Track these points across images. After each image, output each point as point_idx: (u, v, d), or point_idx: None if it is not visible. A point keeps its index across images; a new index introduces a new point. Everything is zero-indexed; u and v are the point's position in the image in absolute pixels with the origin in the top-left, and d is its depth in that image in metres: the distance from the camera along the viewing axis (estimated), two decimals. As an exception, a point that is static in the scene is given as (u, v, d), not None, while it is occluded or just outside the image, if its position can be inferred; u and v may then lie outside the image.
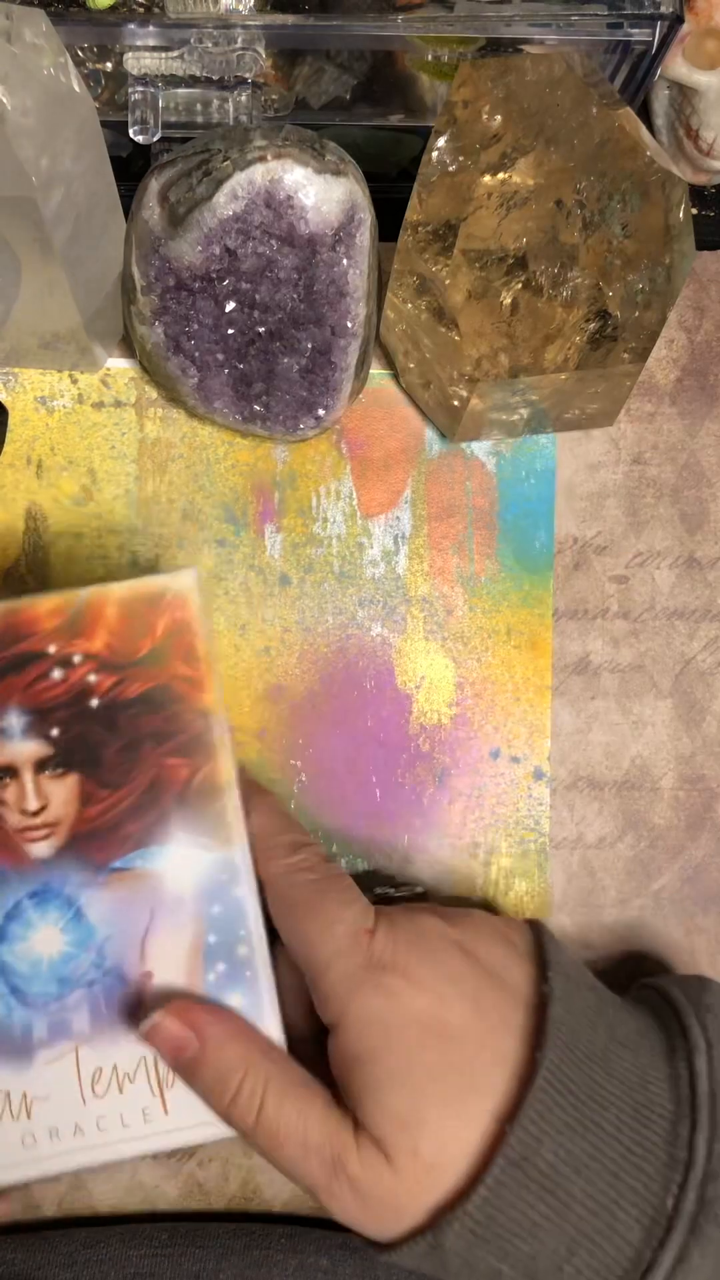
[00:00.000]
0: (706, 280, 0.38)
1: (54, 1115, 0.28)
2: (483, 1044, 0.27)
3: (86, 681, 0.28)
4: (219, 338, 0.33)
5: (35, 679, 0.28)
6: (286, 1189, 0.36)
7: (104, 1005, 0.29)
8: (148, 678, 0.28)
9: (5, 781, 0.28)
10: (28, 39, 0.28)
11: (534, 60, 0.31)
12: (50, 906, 0.28)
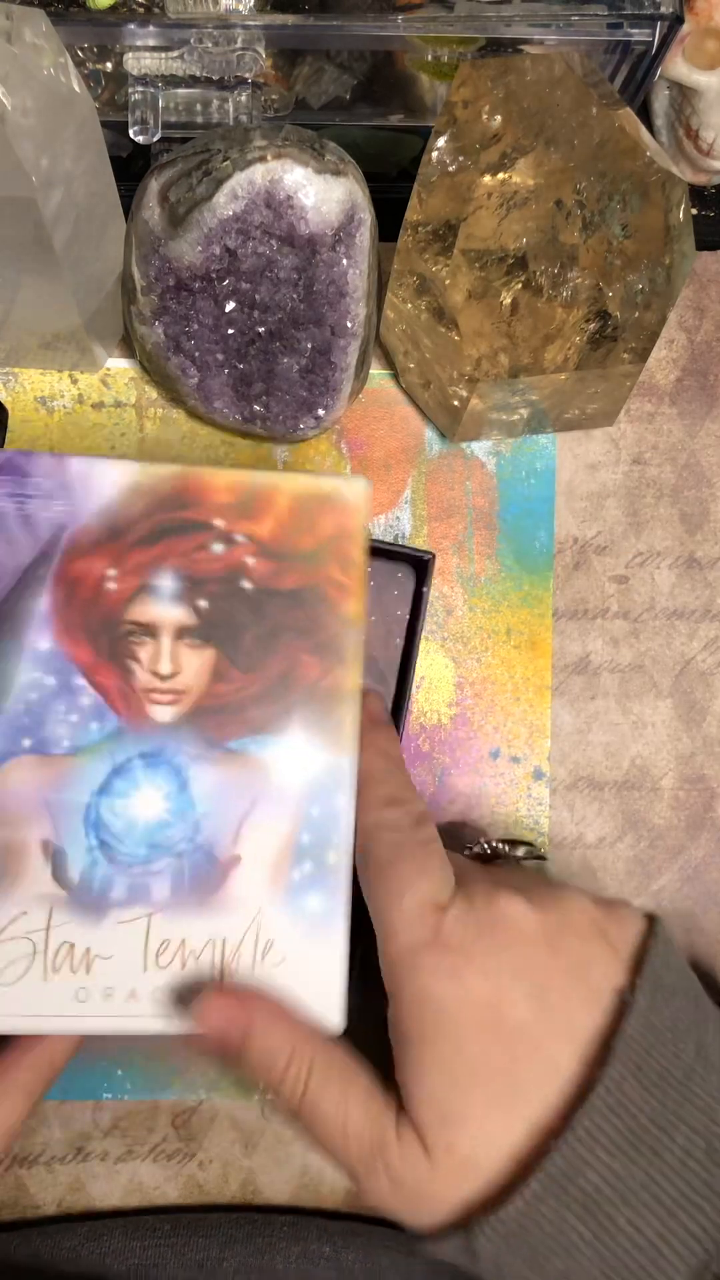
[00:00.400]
0: (706, 280, 0.38)
1: (113, 976, 0.28)
2: (538, 1047, 0.26)
3: (244, 562, 0.29)
4: (219, 338, 0.32)
5: (195, 548, 0.29)
6: (287, 1189, 0.36)
7: (187, 879, 0.29)
8: (302, 574, 0.29)
9: (144, 640, 0.29)
10: (28, 39, 0.28)
11: (534, 60, 0.31)
12: (159, 771, 0.29)
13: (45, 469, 0.29)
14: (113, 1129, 0.36)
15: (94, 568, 0.29)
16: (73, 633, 0.28)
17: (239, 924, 0.29)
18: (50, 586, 0.29)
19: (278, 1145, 0.36)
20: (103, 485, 0.29)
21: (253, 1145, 0.36)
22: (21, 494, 0.29)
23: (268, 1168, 0.36)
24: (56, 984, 0.28)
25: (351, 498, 0.29)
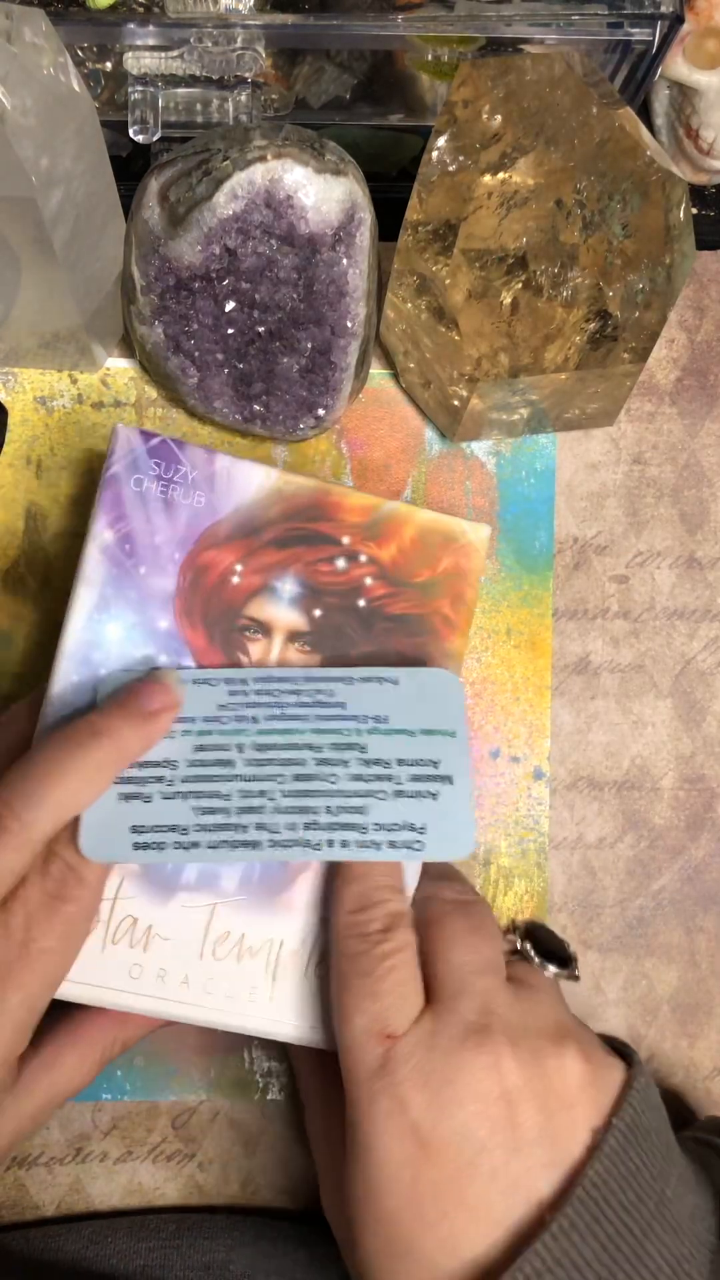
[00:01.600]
0: (706, 280, 0.38)
1: (169, 958, 0.28)
2: (478, 1204, 0.24)
3: (362, 582, 0.30)
4: (219, 337, 0.32)
5: (321, 559, 0.30)
6: (287, 1189, 0.36)
7: (257, 875, 0.29)
8: (415, 603, 0.30)
9: (257, 637, 0.30)
10: (28, 39, 0.27)
11: (534, 60, 0.31)
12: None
13: (194, 460, 0.30)
14: (112, 1130, 0.36)
15: (223, 560, 0.30)
16: (192, 617, 0.30)
17: (298, 929, 0.29)
18: (180, 570, 0.30)
19: (278, 1145, 0.36)
20: (245, 486, 0.30)
21: (253, 1146, 0.36)
22: (168, 479, 0.30)
23: (268, 1168, 0.36)
24: (113, 956, 0.28)
25: (474, 540, 0.31)
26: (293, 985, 0.28)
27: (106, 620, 0.29)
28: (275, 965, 0.28)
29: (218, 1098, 0.36)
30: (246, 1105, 0.36)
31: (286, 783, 0.27)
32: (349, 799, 0.27)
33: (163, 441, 0.30)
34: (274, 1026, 0.29)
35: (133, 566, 0.30)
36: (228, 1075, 0.36)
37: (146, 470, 0.30)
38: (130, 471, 0.30)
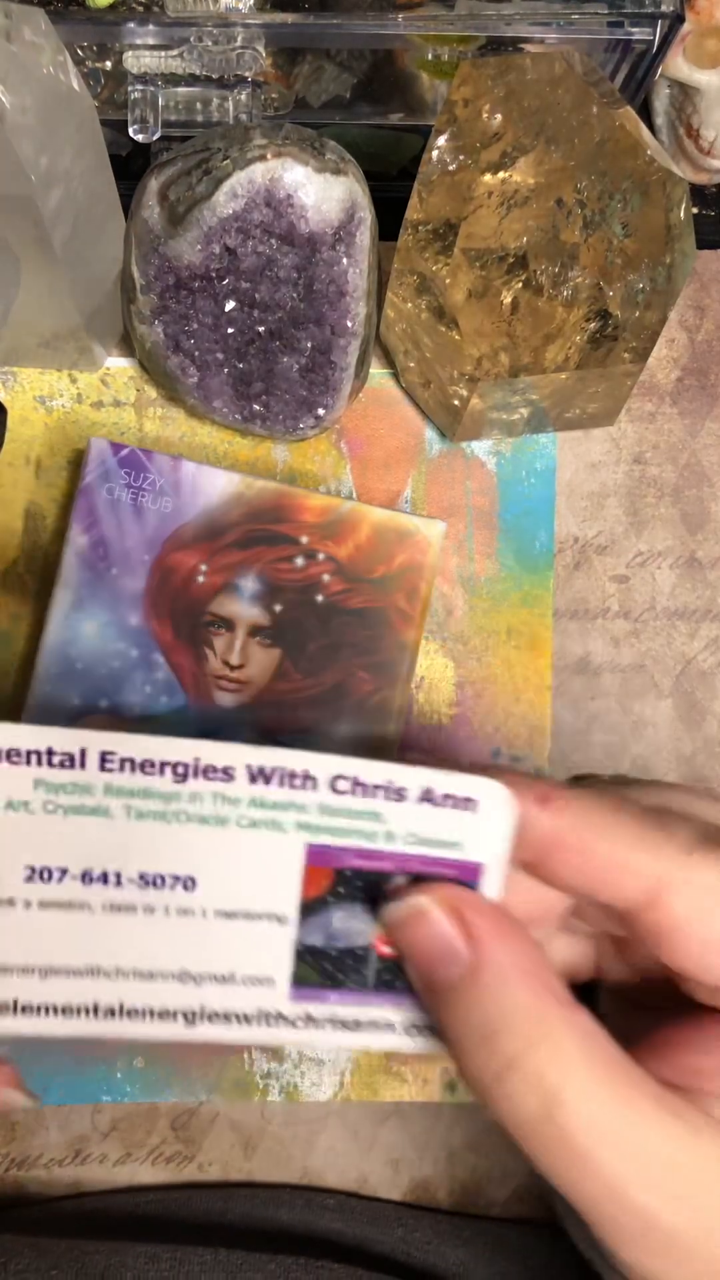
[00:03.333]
0: (707, 280, 0.38)
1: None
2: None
3: (320, 579, 0.32)
4: (218, 337, 0.32)
5: (280, 558, 0.32)
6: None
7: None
8: (371, 597, 0.32)
9: (220, 631, 0.32)
10: (27, 37, 0.27)
11: (534, 59, 0.31)
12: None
13: (161, 468, 0.32)
14: (111, 1131, 0.36)
15: (189, 561, 0.32)
16: (160, 614, 0.32)
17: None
18: (149, 571, 0.32)
19: (278, 1147, 0.36)
20: (210, 490, 0.32)
21: (253, 1148, 0.36)
22: (138, 487, 0.32)
23: (268, 1170, 0.36)
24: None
25: (428, 535, 0.33)
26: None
27: (83, 619, 0.32)
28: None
29: (217, 1099, 0.36)
30: (246, 1107, 0.36)
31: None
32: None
33: (132, 452, 0.32)
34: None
35: (105, 569, 0.32)
36: (228, 1077, 0.36)
37: (117, 479, 0.32)
38: (102, 481, 0.32)
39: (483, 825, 0.19)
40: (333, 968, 0.19)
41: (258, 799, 0.19)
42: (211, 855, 0.19)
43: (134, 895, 0.19)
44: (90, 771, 0.18)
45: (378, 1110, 0.36)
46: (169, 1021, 0.19)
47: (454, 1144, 0.36)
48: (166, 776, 0.19)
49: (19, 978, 0.19)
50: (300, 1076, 0.36)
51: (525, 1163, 0.37)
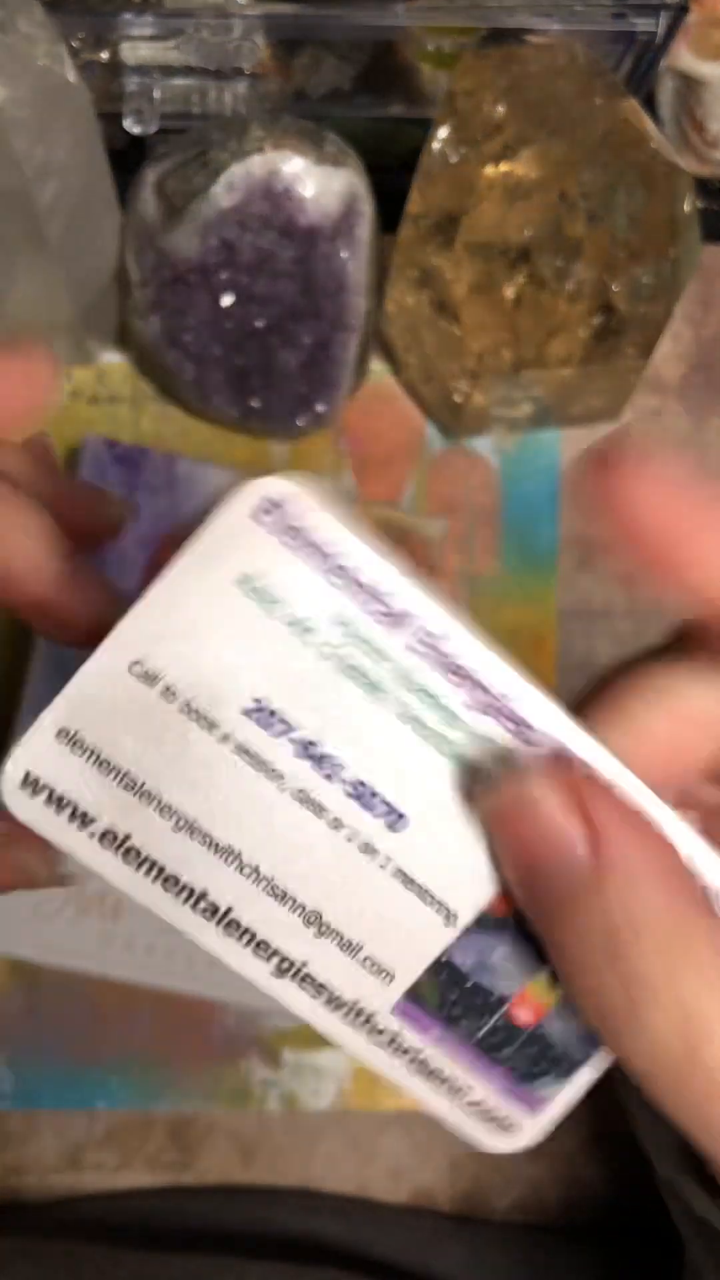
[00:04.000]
0: (712, 274, 0.38)
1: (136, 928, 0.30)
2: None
3: None
4: (216, 331, 0.32)
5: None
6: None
7: None
8: None
9: None
10: (22, 29, 0.27)
11: (537, 50, 0.30)
12: None
13: (156, 466, 0.31)
14: (108, 1139, 0.35)
15: None
16: None
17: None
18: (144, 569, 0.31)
19: (276, 1156, 0.36)
20: (206, 488, 0.32)
21: (251, 1156, 0.36)
22: (133, 484, 0.31)
23: (266, 1179, 0.35)
24: (85, 925, 0.30)
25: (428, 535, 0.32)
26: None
27: None
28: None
29: (215, 1107, 0.35)
30: (243, 1115, 0.35)
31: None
32: None
33: (127, 450, 0.32)
34: (233, 994, 0.31)
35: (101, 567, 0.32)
36: (225, 1085, 0.35)
37: (114, 477, 0.31)
38: (97, 479, 0.31)
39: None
40: (456, 1001, 0.16)
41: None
42: (435, 800, 0.15)
43: (335, 799, 0.15)
44: (402, 639, 0.15)
45: (378, 1119, 0.36)
46: (260, 958, 0.16)
47: (455, 1152, 0.36)
48: (461, 692, 0.15)
49: (153, 816, 0.15)
50: (299, 1085, 0.35)
51: (527, 1170, 0.37)
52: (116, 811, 0.15)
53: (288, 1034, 0.35)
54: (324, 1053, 0.35)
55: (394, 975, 0.16)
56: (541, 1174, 0.36)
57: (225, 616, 0.15)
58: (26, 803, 0.15)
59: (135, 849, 0.16)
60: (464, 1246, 0.33)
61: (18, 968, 0.34)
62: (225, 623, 0.15)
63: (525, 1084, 0.17)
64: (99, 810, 0.15)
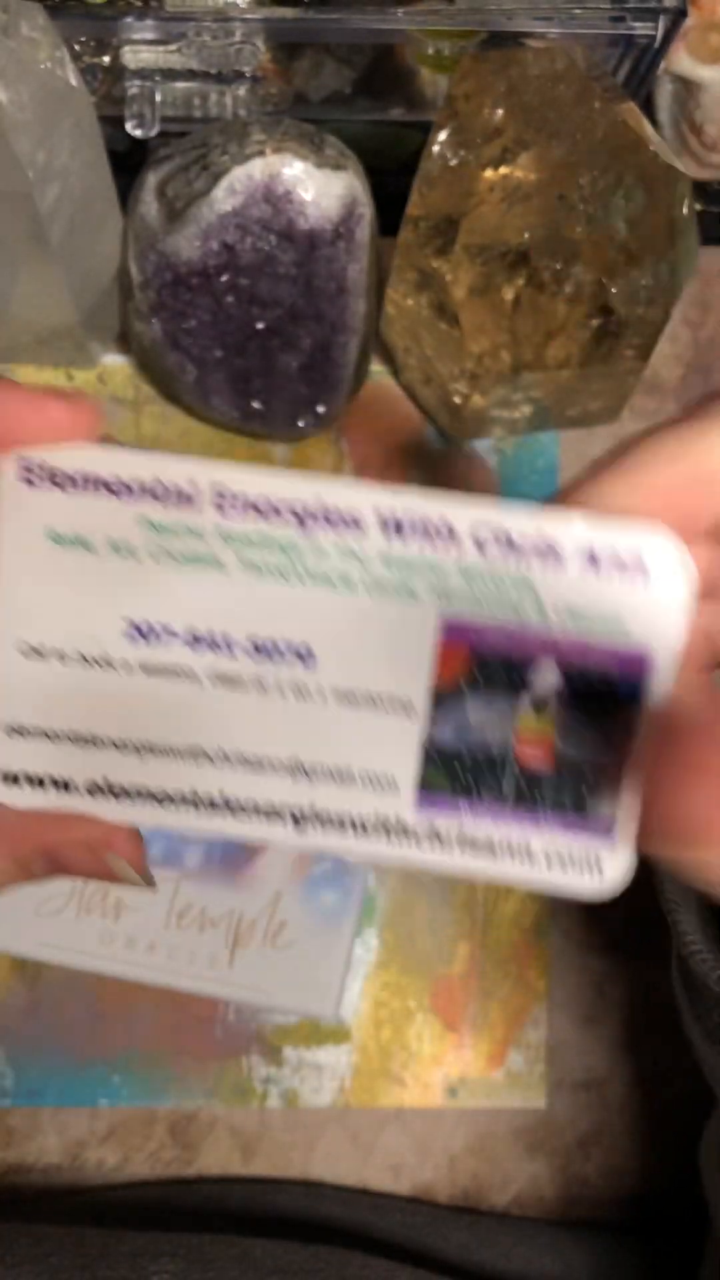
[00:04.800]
0: (711, 276, 0.38)
1: (137, 927, 0.31)
2: None
3: None
4: (217, 334, 0.32)
5: None
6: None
7: (218, 853, 0.31)
8: None
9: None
10: (25, 32, 0.27)
11: (536, 54, 0.30)
12: None
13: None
14: (109, 1136, 0.36)
15: None
16: None
17: (257, 903, 0.31)
18: None
19: (277, 1153, 0.36)
20: None
21: (251, 1153, 0.36)
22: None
23: (267, 1176, 0.36)
24: (86, 923, 0.31)
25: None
26: (251, 954, 0.31)
27: None
28: (235, 936, 0.31)
29: (216, 1104, 0.36)
30: (245, 1112, 0.36)
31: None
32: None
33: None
34: (233, 991, 0.31)
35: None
36: (226, 1081, 0.35)
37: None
38: None
39: (652, 597, 0.16)
40: (464, 773, 0.16)
41: (388, 556, 0.16)
42: (333, 624, 0.16)
43: (245, 666, 0.16)
44: (202, 511, 0.16)
45: (378, 1115, 0.36)
46: (275, 822, 0.16)
47: (455, 1149, 0.36)
48: (288, 523, 0.16)
49: (114, 754, 0.16)
50: (300, 1082, 0.35)
51: (527, 1167, 0.37)
52: (85, 767, 0.17)
53: (289, 1031, 0.35)
54: (325, 1050, 0.35)
55: (395, 781, 0.16)
56: (540, 1170, 0.36)
57: (59, 571, 0.16)
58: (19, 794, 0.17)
59: (119, 786, 0.16)
60: (464, 1233, 0.34)
61: (20, 965, 0.35)
62: (63, 576, 0.16)
63: (579, 814, 0.16)
64: (70, 772, 0.17)
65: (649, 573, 0.16)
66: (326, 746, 0.16)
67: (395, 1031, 0.35)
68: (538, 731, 0.16)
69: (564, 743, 0.16)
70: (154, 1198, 0.34)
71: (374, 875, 0.34)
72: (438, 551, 0.16)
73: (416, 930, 0.36)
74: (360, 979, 0.35)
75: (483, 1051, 0.36)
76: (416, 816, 0.16)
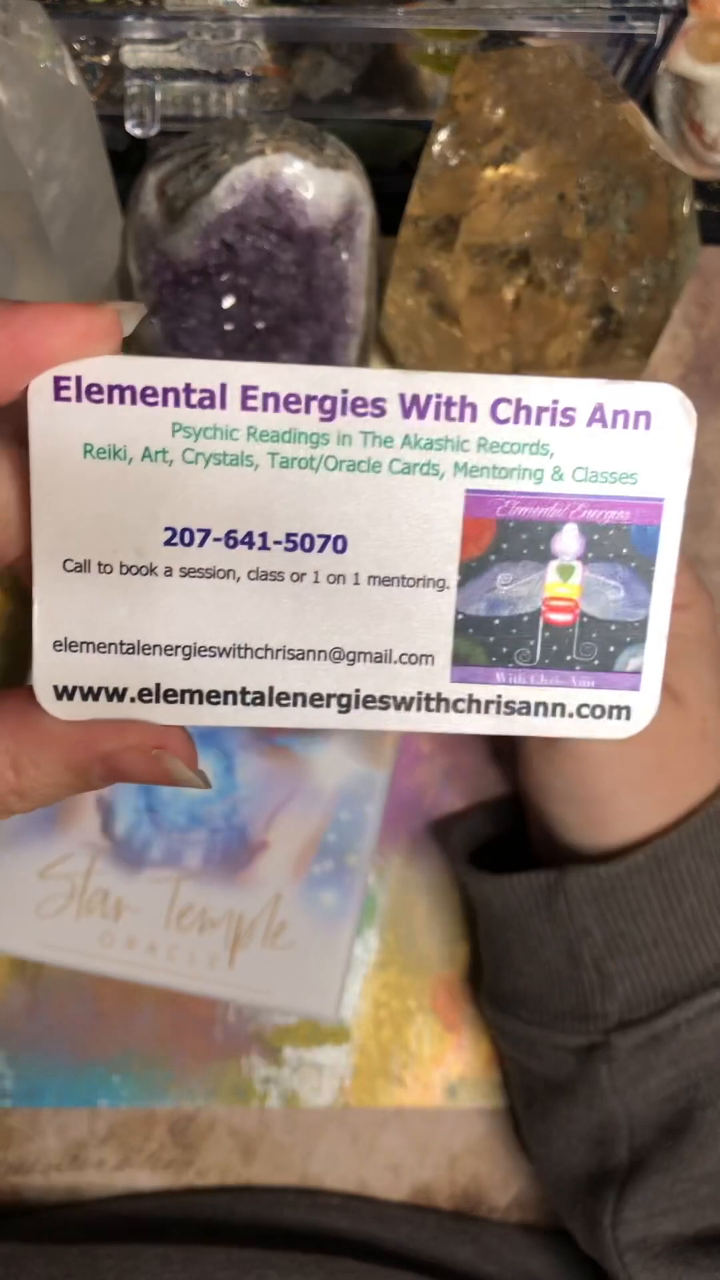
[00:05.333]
0: (711, 276, 0.38)
1: (137, 928, 0.31)
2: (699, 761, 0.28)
3: None
4: (217, 333, 0.32)
5: None
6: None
7: (218, 853, 0.31)
8: None
9: None
10: (24, 31, 0.27)
11: (536, 53, 0.30)
12: (210, 751, 0.31)
13: None
14: (109, 1137, 0.36)
15: None
16: None
17: (257, 903, 0.31)
18: None
19: (277, 1153, 0.36)
20: None
21: (251, 1153, 0.36)
22: None
23: (267, 1176, 0.36)
24: (87, 924, 0.31)
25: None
26: (251, 955, 0.31)
27: None
28: (235, 936, 0.31)
29: (216, 1105, 0.36)
30: (245, 1112, 0.36)
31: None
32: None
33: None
34: (233, 992, 0.31)
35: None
36: (226, 1082, 0.35)
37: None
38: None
39: (659, 447, 0.18)
40: (498, 641, 0.17)
41: (412, 436, 0.17)
42: (363, 509, 0.17)
43: (282, 560, 0.17)
44: (232, 411, 0.16)
45: (378, 1115, 0.36)
46: (322, 708, 0.17)
47: (455, 1149, 0.36)
48: (313, 414, 0.16)
49: (161, 658, 0.17)
50: (300, 1082, 0.35)
51: (527, 1166, 0.37)
52: (134, 674, 0.17)
53: (289, 1031, 0.35)
54: (325, 1050, 0.35)
55: (432, 656, 0.17)
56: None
57: (97, 484, 0.16)
58: (71, 708, 0.17)
59: (169, 690, 0.17)
60: (470, 1242, 0.34)
61: (20, 965, 0.35)
62: (100, 488, 0.16)
63: (607, 671, 0.18)
64: (120, 680, 0.17)
65: (655, 422, 0.17)
66: (366, 632, 0.17)
67: (395, 1031, 0.35)
68: (564, 595, 0.17)
69: (589, 604, 0.18)
70: (159, 1211, 0.34)
71: (374, 875, 0.34)
72: (458, 426, 0.17)
73: (416, 930, 0.36)
74: (360, 979, 0.35)
75: (482, 1051, 0.36)
76: (454, 689, 0.17)
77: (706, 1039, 0.27)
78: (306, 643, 0.17)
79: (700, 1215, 0.28)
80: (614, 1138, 0.29)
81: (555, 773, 0.27)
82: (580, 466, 0.17)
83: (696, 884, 0.28)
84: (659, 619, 0.18)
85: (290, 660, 0.17)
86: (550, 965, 0.29)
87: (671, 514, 0.18)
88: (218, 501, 0.17)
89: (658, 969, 0.28)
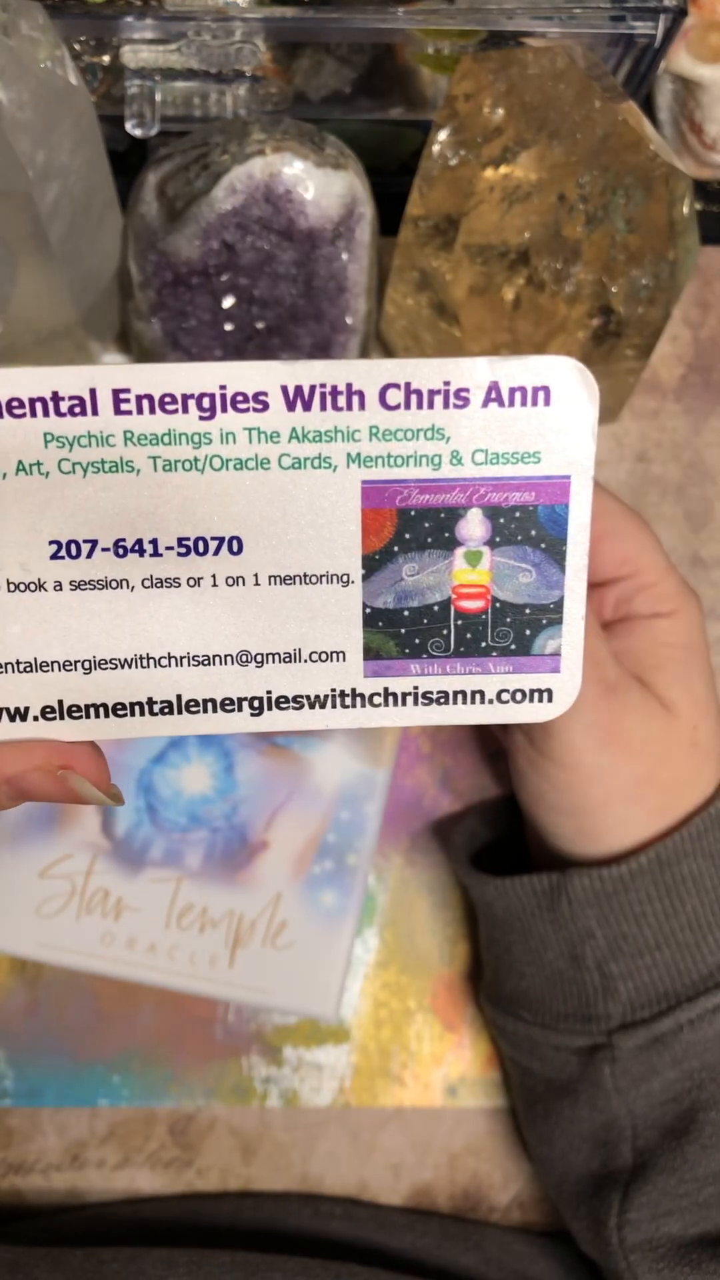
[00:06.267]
0: (711, 276, 0.38)
1: (137, 927, 0.31)
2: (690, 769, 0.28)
3: None
4: (217, 333, 0.32)
5: None
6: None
7: (218, 853, 0.31)
8: None
9: None
10: (24, 32, 0.27)
11: (536, 53, 0.30)
12: (210, 751, 0.31)
13: None
14: (109, 1136, 0.36)
15: None
16: None
17: (257, 903, 0.31)
18: None
19: (277, 1153, 0.36)
20: None
21: (251, 1153, 0.36)
22: None
23: (267, 1176, 0.36)
24: (87, 924, 0.31)
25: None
26: (251, 955, 0.31)
27: None
28: (235, 936, 0.31)
29: (216, 1104, 0.36)
30: (245, 1112, 0.36)
31: None
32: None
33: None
34: (233, 992, 0.31)
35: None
36: (226, 1082, 0.35)
37: None
38: None
39: (561, 422, 0.16)
40: (409, 633, 0.17)
41: (299, 429, 0.16)
42: (255, 508, 0.16)
43: (175, 566, 0.16)
44: (105, 417, 0.16)
45: (378, 1115, 0.36)
46: (234, 712, 0.17)
47: (455, 1149, 0.36)
48: (191, 413, 0.16)
49: (61, 674, 0.16)
50: (300, 1082, 0.35)
51: (527, 1167, 0.37)
52: (34, 692, 0.17)
53: (289, 1031, 0.35)
54: (325, 1050, 0.35)
55: (343, 652, 0.17)
56: (540, 1170, 0.36)
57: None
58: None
59: (74, 705, 0.17)
60: (473, 1250, 0.34)
61: (20, 966, 0.35)
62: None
63: (525, 655, 0.17)
64: (20, 700, 0.17)
65: (555, 397, 0.16)
66: (272, 632, 0.17)
67: (395, 1031, 0.35)
68: (474, 582, 0.17)
69: (501, 589, 0.17)
70: (161, 1216, 0.34)
71: (374, 875, 0.34)
72: (347, 416, 0.16)
73: (416, 930, 0.36)
74: (360, 979, 0.35)
75: (482, 1051, 0.36)
76: (368, 683, 0.17)
77: (709, 1040, 0.27)
78: (210, 648, 0.17)
79: (704, 1216, 0.28)
80: (617, 1139, 0.29)
81: (547, 784, 0.27)
82: (480, 449, 0.16)
83: (699, 886, 0.28)
84: (575, 599, 0.17)
85: (195, 667, 0.17)
86: (553, 967, 0.29)
87: (579, 491, 0.17)
88: (101, 511, 0.16)
89: (660, 970, 0.28)
